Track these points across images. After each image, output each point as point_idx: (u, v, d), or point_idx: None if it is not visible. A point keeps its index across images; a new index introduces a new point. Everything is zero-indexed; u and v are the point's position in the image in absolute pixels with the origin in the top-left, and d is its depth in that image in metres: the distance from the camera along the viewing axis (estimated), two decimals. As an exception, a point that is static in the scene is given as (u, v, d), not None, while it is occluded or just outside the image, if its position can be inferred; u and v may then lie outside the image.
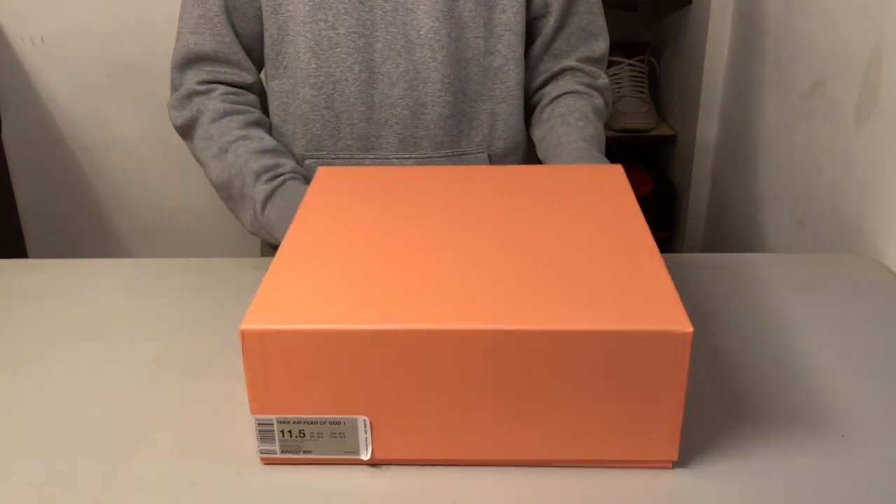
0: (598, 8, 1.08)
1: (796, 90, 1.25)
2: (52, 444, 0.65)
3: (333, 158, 1.03)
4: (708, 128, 1.68)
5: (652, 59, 1.89)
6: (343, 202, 0.76)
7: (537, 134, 1.06)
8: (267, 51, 1.03)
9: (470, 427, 0.60)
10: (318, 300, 0.60)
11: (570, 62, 1.07)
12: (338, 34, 0.97)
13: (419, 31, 0.98)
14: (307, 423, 0.60)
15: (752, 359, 0.75)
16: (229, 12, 0.99)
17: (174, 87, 1.02)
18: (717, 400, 0.69)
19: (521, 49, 1.02)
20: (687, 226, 1.79)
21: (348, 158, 1.02)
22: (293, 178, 0.94)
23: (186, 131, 1.01)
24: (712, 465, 0.62)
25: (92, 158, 1.79)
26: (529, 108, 1.10)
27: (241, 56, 1.01)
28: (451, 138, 1.03)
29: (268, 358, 0.58)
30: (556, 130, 1.02)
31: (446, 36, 0.98)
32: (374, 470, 0.62)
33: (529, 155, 1.12)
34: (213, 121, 0.97)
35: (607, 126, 1.83)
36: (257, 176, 0.93)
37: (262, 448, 0.61)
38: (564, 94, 1.05)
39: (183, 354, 0.76)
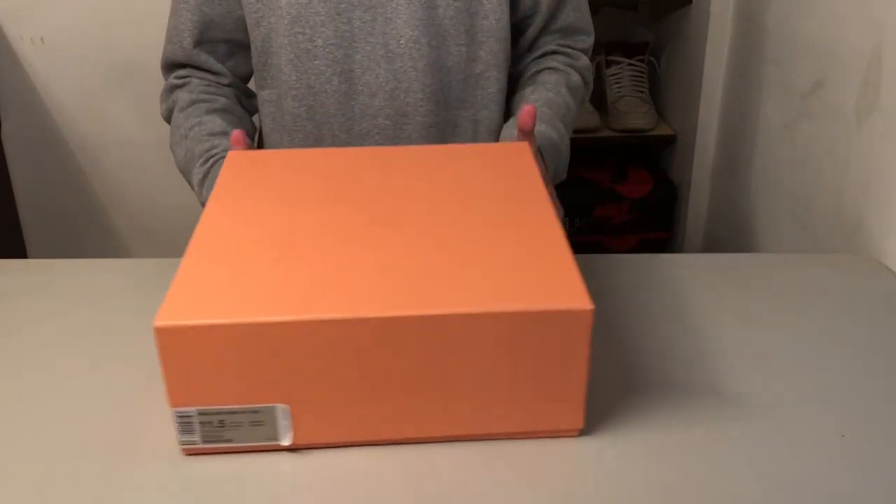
0: (585, 6, 1.07)
1: (796, 90, 1.25)
2: (52, 444, 0.65)
3: None
4: (708, 128, 1.68)
5: (652, 59, 1.89)
6: (251, 191, 0.76)
7: (511, 103, 1.06)
8: (254, 61, 1.03)
9: (385, 408, 0.61)
10: (228, 293, 0.60)
11: (552, 46, 1.07)
12: (315, 46, 0.97)
13: (399, 41, 0.96)
14: (227, 413, 0.61)
15: (752, 358, 0.75)
16: (204, 26, 1.00)
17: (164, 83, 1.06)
18: (716, 400, 0.69)
19: (503, 55, 1.01)
20: (687, 226, 1.79)
21: None
22: (223, 157, 0.93)
23: (168, 123, 1.04)
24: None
25: (92, 158, 1.79)
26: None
27: (213, 64, 1.02)
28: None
29: (183, 353, 0.58)
30: (525, 94, 1.02)
31: (427, 45, 0.97)
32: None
33: None
34: (182, 110, 1.00)
35: (607, 126, 1.84)
36: (197, 159, 0.95)
37: (182, 439, 0.62)
38: (541, 70, 1.05)
39: (183, 354, 0.76)
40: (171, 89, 1.03)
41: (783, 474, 0.61)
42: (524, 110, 0.85)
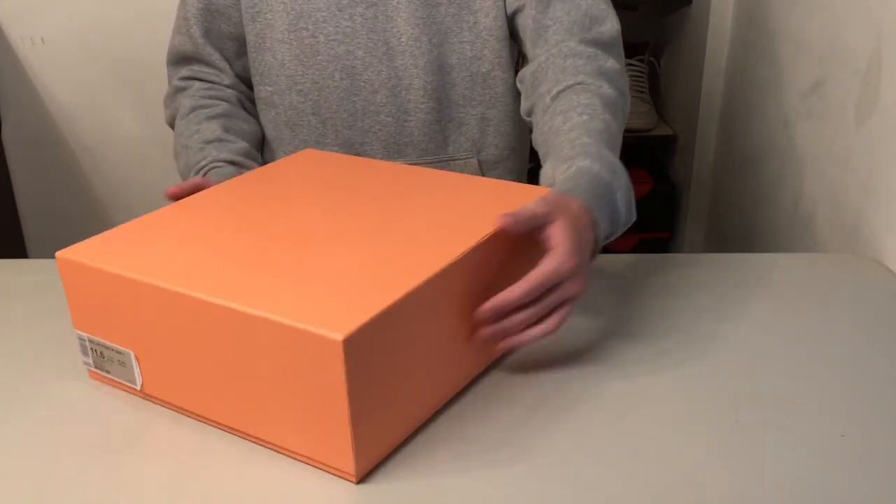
0: None
1: (796, 90, 1.25)
2: (52, 444, 0.65)
3: None
4: (708, 128, 1.68)
5: (652, 59, 1.89)
6: (240, 191, 0.81)
7: (536, 136, 0.91)
8: (249, 58, 1.04)
9: (198, 384, 0.65)
10: (133, 252, 0.68)
11: (571, 44, 0.92)
12: (318, 42, 0.98)
13: (399, 39, 0.97)
14: (104, 347, 0.70)
15: (752, 358, 0.75)
16: (211, 16, 1.01)
17: (168, 84, 1.06)
18: (715, 400, 0.69)
19: (505, 54, 1.00)
20: (687, 226, 1.79)
21: None
22: (212, 169, 0.93)
23: (172, 129, 1.04)
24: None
25: (92, 158, 1.80)
26: (531, 113, 0.97)
27: (217, 57, 1.03)
28: (437, 144, 1.02)
29: (77, 284, 0.69)
30: (555, 126, 0.86)
31: (427, 43, 0.97)
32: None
33: (529, 162, 1.11)
34: (183, 117, 1.00)
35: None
36: (192, 170, 0.95)
37: (83, 360, 0.72)
38: (566, 88, 0.89)
39: (183, 354, 0.76)
40: (175, 93, 1.04)
41: (783, 474, 0.61)
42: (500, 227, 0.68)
